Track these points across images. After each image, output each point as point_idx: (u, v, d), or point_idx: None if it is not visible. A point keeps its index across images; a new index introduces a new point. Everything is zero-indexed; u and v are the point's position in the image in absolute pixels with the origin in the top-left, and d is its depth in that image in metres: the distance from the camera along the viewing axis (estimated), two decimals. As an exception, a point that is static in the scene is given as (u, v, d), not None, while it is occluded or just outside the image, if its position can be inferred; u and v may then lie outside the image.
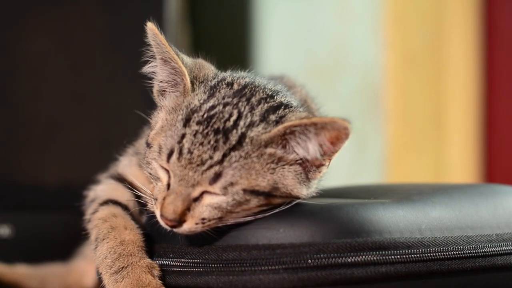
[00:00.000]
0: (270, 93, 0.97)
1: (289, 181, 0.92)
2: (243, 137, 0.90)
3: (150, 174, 0.96)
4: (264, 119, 0.92)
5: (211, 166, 0.89)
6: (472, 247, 0.96)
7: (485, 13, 2.39)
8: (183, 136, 0.91)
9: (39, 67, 1.70)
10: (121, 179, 1.07)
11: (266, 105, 0.94)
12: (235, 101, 0.94)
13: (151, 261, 0.95)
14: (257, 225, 0.91)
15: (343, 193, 1.08)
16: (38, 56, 1.70)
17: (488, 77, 2.40)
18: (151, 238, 0.98)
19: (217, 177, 0.89)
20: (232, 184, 0.89)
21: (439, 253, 0.93)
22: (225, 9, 2.34)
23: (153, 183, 0.95)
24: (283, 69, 1.25)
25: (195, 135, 0.90)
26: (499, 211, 1.04)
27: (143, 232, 0.99)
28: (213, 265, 0.91)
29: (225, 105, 0.93)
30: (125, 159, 1.10)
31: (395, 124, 2.20)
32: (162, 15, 1.70)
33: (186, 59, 0.99)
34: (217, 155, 0.89)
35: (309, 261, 0.88)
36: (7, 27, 1.70)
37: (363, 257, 0.89)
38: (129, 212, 1.03)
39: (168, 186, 0.92)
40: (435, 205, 0.99)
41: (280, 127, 0.91)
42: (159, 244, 0.97)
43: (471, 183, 2.07)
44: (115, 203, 1.03)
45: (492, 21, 2.39)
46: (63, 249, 1.46)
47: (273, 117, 0.93)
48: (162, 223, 0.92)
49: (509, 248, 0.99)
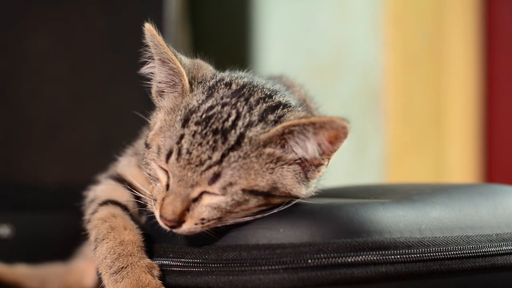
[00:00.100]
0: (268, 93, 0.96)
1: (288, 180, 0.92)
2: (241, 137, 0.90)
3: (149, 174, 0.96)
4: (262, 119, 0.92)
5: (210, 166, 0.89)
6: (472, 247, 0.96)
7: (485, 13, 2.39)
8: (182, 136, 0.91)
9: (39, 67, 1.70)
10: (120, 180, 1.07)
11: (264, 105, 0.94)
12: (234, 101, 0.94)
13: (150, 261, 0.95)
14: (257, 225, 0.91)
15: (343, 193, 1.08)
16: (38, 56, 1.70)
17: (488, 77, 2.40)
18: (151, 238, 0.98)
19: (216, 177, 0.89)
20: (231, 184, 0.89)
21: (439, 253, 0.93)
22: (225, 9, 2.34)
23: (152, 183, 0.95)
24: (283, 69, 1.25)
25: (193, 136, 0.90)
26: (499, 211, 1.04)
27: (143, 232, 0.99)
28: (213, 265, 0.91)
29: (224, 105, 0.93)
30: (124, 160, 1.10)
31: (395, 124, 2.19)
32: (162, 15, 1.70)
33: (184, 59, 0.99)
34: (216, 156, 0.89)
35: (309, 261, 0.88)
36: (7, 27, 1.70)
37: (363, 257, 0.89)
38: (129, 212, 1.02)
39: (167, 186, 0.92)
40: (435, 205, 0.99)
41: (278, 127, 0.91)
42: (159, 244, 0.97)
43: (471, 183, 2.06)
44: (115, 203, 1.03)
45: (492, 21, 2.39)
46: (63, 249, 1.46)
47: (271, 117, 0.93)
48: (161, 223, 0.92)
49: (509, 248, 0.99)
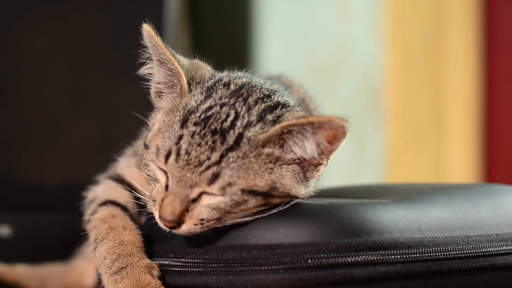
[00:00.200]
0: (267, 93, 0.96)
1: (287, 180, 0.92)
2: (240, 137, 0.90)
3: (148, 175, 0.95)
4: (261, 119, 0.92)
5: (208, 166, 0.89)
6: (472, 247, 0.96)
7: (485, 13, 2.39)
8: (181, 137, 0.91)
9: (39, 67, 1.70)
10: (120, 180, 1.07)
11: (263, 105, 0.94)
12: (232, 101, 0.93)
13: (150, 261, 0.95)
14: (257, 225, 0.91)
15: (343, 193, 1.08)
16: (38, 56, 1.70)
17: (488, 77, 2.40)
18: (150, 238, 0.98)
19: (215, 177, 0.89)
20: (230, 184, 0.89)
21: (439, 253, 0.93)
22: (225, 9, 2.34)
23: (151, 184, 0.95)
24: (283, 69, 1.25)
25: (192, 136, 0.90)
26: (499, 211, 1.04)
27: (142, 232, 0.99)
28: (213, 265, 0.91)
29: (222, 105, 0.93)
30: (123, 160, 1.10)
31: (395, 124, 2.19)
32: (162, 15, 1.70)
33: (182, 60, 0.99)
34: (215, 156, 0.89)
35: (309, 261, 0.88)
36: (7, 27, 1.69)
37: (363, 257, 0.89)
38: (128, 213, 1.02)
39: (166, 187, 0.92)
40: (435, 205, 0.99)
41: (277, 127, 0.90)
42: (159, 244, 0.97)
43: (471, 183, 2.06)
44: (114, 203, 1.03)
45: (492, 21, 2.39)
46: (63, 249, 1.46)
47: (270, 117, 0.93)
48: (161, 224, 0.92)
49: (509, 248, 0.99)
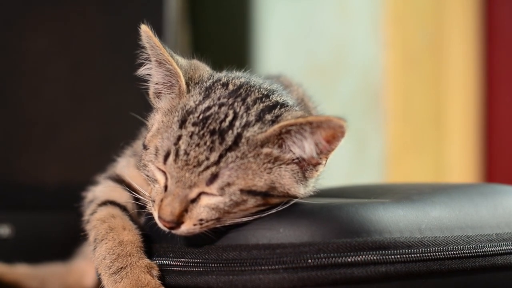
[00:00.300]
0: (265, 93, 0.96)
1: (286, 180, 0.92)
2: (239, 137, 0.90)
3: (147, 176, 0.95)
4: (259, 119, 0.92)
5: (207, 167, 0.89)
6: (472, 247, 0.96)
7: (485, 13, 2.39)
8: (179, 137, 0.91)
9: (39, 67, 1.70)
10: (119, 180, 1.07)
11: (261, 104, 0.94)
12: (231, 101, 0.93)
13: (150, 261, 0.95)
14: (257, 225, 0.91)
15: (343, 193, 1.08)
16: (38, 56, 1.70)
17: (488, 77, 2.40)
18: (150, 238, 0.98)
19: (213, 178, 0.89)
20: (229, 184, 0.89)
21: (439, 253, 0.93)
22: (225, 9, 2.34)
23: (151, 185, 0.95)
24: (283, 69, 1.25)
25: (191, 137, 0.90)
26: (499, 211, 1.04)
27: (142, 232, 0.99)
28: (213, 265, 0.91)
29: (221, 105, 0.93)
30: (123, 160, 1.10)
31: (395, 124, 2.19)
32: (162, 15, 1.70)
33: (181, 60, 0.99)
34: (214, 156, 0.89)
35: (309, 260, 0.88)
36: (7, 27, 1.69)
37: (363, 256, 0.89)
38: (128, 213, 1.02)
39: (165, 187, 0.92)
40: (435, 205, 0.99)
41: (275, 127, 0.90)
42: (159, 244, 0.97)
43: (471, 183, 2.06)
44: (114, 204, 1.03)
45: (492, 21, 2.39)
46: (63, 249, 1.46)
47: (268, 117, 0.93)
48: (160, 225, 0.92)
49: (509, 247, 0.99)
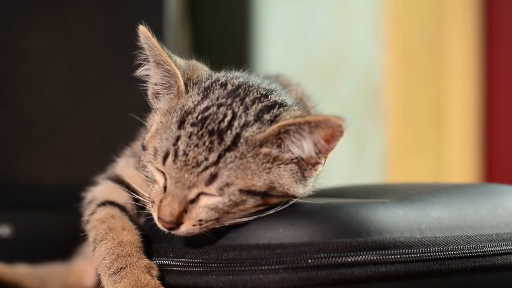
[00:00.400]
0: (264, 93, 0.96)
1: (285, 180, 0.92)
2: (237, 137, 0.90)
3: (146, 177, 0.95)
4: (258, 118, 0.92)
5: (206, 167, 0.89)
6: (472, 247, 0.96)
7: (485, 13, 2.39)
8: (178, 138, 0.91)
9: (39, 67, 1.70)
10: (118, 181, 1.07)
11: (260, 104, 0.94)
12: (229, 101, 0.93)
13: (149, 261, 0.95)
14: (257, 225, 0.91)
15: (343, 193, 1.08)
16: (38, 56, 1.70)
17: (488, 77, 2.40)
18: (149, 238, 0.98)
19: (213, 178, 0.89)
20: (228, 184, 0.89)
21: (439, 253, 0.93)
22: (225, 9, 2.34)
23: (150, 185, 0.95)
24: (284, 69, 1.25)
25: (190, 137, 0.90)
26: (499, 211, 1.04)
27: (141, 232, 0.99)
28: (213, 265, 0.91)
29: (219, 106, 0.93)
30: (122, 161, 1.10)
31: (395, 124, 2.19)
32: (162, 15, 1.70)
33: (179, 61, 0.99)
34: (212, 156, 0.89)
35: (309, 260, 0.88)
36: (7, 27, 1.69)
37: (363, 256, 0.89)
38: (127, 213, 1.02)
39: (164, 188, 0.92)
40: (435, 205, 0.99)
41: (274, 127, 0.90)
42: (159, 244, 0.97)
43: (471, 183, 2.06)
44: (113, 204, 1.03)
45: (492, 21, 2.39)
46: (63, 249, 1.46)
47: (267, 117, 0.92)
48: (159, 225, 0.92)
49: (509, 247, 0.99)
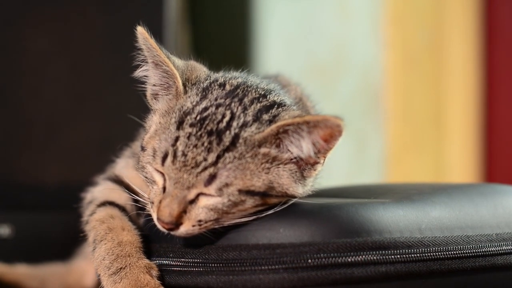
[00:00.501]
0: (262, 93, 0.96)
1: (284, 180, 0.92)
2: (236, 137, 0.90)
3: (145, 177, 0.95)
4: (257, 119, 0.92)
5: (205, 168, 0.89)
6: (472, 247, 0.96)
7: (485, 13, 2.39)
8: (177, 139, 0.91)
9: (39, 67, 1.70)
10: (118, 181, 1.07)
11: (259, 104, 0.94)
12: (228, 102, 0.93)
13: (149, 262, 0.95)
14: (257, 225, 0.91)
15: (343, 193, 1.08)
16: (38, 56, 1.70)
17: (488, 77, 2.40)
18: (149, 238, 0.98)
19: (212, 178, 0.89)
20: (227, 185, 0.89)
21: (439, 253, 0.93)
22: (225, 9, 2.34)
23: (149, 186, 0.95)
24: (284, 69, 1.25)
25: (188, 138, 0.90)
26: (499, 211, 1.04)
27: (141, 233, 0.99)
28: (213, 265, 0.91)
29: (218, 106, 0.93)
30: (122, 161, 1.10)
31: (395, 124, 2.19)
32: (162, 15, 1.70)
33: (177, 61, 0.99)
34: (211, 157, 0.89)
35: (309, 260, 0.88)
36: (7, 27, 1.69)
37: (363, 256, 0.89)
38: (127, 213, 1.02)
39: (163, 189, 0.92)
40: (435, 204, 0.99)
41: (273, 127, 0.90)
42: (159, 244, 0.97)
43: (471, 183, 2.06)
44: (113, 204, 1.03)
45: (492, 21, 2.39)
46: (63, 249, 1.46)
47: (266, 117, 0.93)
48: (159, 226, 0.92)
49: (509, 247, 0.99)
